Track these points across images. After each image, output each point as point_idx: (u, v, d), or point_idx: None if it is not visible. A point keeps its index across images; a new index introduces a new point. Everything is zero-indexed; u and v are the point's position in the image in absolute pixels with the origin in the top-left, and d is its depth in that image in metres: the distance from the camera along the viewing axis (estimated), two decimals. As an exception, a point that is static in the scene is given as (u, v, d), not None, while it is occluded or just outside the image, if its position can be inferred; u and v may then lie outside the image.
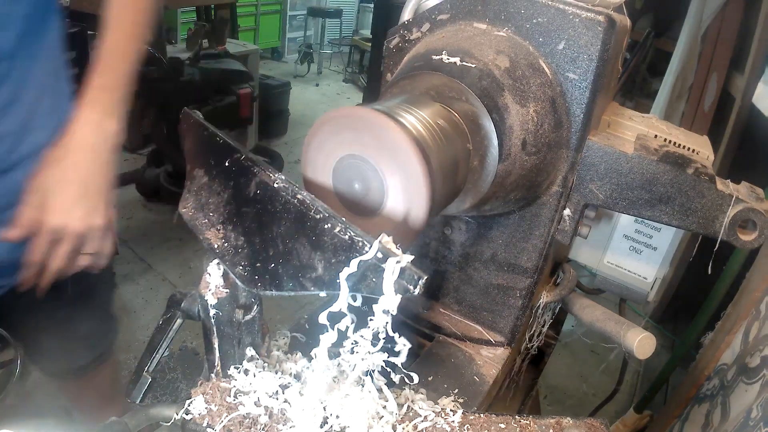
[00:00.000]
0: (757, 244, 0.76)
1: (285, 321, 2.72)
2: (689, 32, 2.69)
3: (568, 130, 0.75)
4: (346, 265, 0.49)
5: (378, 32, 5.20)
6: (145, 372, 0.63)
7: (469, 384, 0.81)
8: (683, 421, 1.78)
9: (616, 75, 0.90)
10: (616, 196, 0.78)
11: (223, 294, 0.57)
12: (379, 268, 0.48)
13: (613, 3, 0.77)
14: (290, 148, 4.94)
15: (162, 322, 0.65)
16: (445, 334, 0.91)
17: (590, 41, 0.70)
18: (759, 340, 1.47)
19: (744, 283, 1.72)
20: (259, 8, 6.88)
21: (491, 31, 0.74)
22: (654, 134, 0.89)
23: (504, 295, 0.89)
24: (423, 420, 0.62)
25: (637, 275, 1.05)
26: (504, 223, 0.84)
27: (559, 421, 0.63)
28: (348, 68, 7.42)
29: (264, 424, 0.58)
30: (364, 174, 0.55)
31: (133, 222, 3.37)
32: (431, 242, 0.92)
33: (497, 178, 0.69)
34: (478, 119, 0.66)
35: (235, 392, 0.60)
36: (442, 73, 0.68)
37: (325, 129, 0.56)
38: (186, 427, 0.59)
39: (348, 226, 0.50)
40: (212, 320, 0.60)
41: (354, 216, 0.57)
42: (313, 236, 0.51)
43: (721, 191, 0.74)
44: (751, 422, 1.27)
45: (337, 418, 0.59)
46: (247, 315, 0.59)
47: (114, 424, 0.62)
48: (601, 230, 1.05)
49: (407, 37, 0.82)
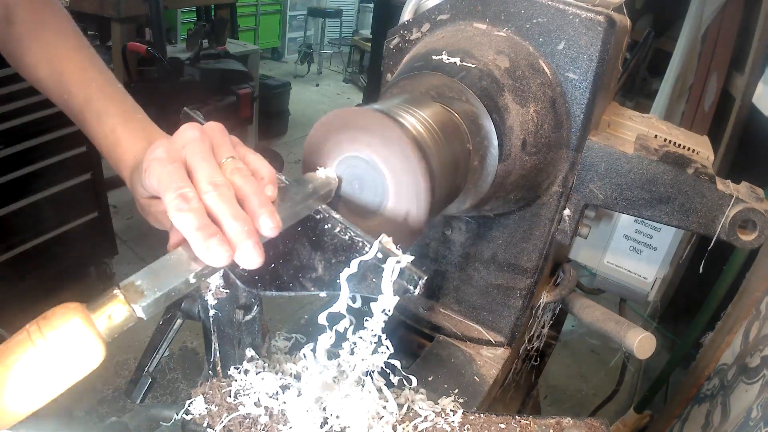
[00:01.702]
0: (757, 244, 0.76)
1: (285, 321, 2.72)
2: (689, 32, 2.69)
3: (568, 130, 0.75)
4: (346, 266, 0.49)
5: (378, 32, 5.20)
6: (145, 372, 0.63)
7: (469, 384, 0.81)
8: (683, 421, 1.78)
9: (616, 75, 0.90)
10: (616, 196, 0.78)
11: (223, 294, 0.57)
12: (379, 269, 0.48)
13: (613, 3, 0.77)
14: (290, 148, 4.94)
15: (162, 323, 0.65)
16: (445, 334, 0.91)
17: (590, 41, 0.70)
18: (759, 340, 1.47)
19: (744, 283, 1.72)
20: (259, 8, 6.87)
21: (491, 31, 0.74)
22: (654, 134, 0.89)
23: (504, 295, 0.89)
24: (423, 420, 0.62)
25: (637, 275, 1.05)
26: (504, 223, 0.84)
27: (559, 421, 0.63)
28: (348, 68, 7.42)
29: (264, 424, 0.58)
30: (365, 174, 0.55)
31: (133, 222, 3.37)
32: (431, 242, 0.92)
33: (497, 178, 0.69)
34: (478, 119, 0.66)
35: (235, 392, 0.60)
36: (442, 73, 0.68)
37: (326, 130, 0.56)
38: (186, 427, 0.59)
39: (348, 227, 0.50)
40: (212, 320, 0.60)
41: (354, 216, 0.57)
42: (314, 236, 0.51)
43: (721, 191, 0.74)
44: (751, 422, 1.27)
45: (337, 418, 0.59)
46: (247, 315, 0.59)
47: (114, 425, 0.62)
48: (601, 230, 1.05)
49: (407, 37, 0.82)
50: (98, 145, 0.67)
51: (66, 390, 0.42)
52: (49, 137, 2.27)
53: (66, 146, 2.37)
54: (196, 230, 0.44)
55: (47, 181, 2.32)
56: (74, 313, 0.40)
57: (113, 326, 0.41)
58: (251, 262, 0.45)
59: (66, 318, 0.39)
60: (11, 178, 2.16)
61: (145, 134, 0.64)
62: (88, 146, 2.48)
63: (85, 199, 2.57)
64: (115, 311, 0.41)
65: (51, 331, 0.39)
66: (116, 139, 0.65)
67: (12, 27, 0.73)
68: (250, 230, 0.45)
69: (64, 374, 0.39)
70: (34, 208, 2.29)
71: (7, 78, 2.04)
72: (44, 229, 2.38)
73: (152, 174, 0.48)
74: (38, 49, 0.72)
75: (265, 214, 0.46)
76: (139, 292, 0.42)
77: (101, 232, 2.68)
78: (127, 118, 0.67)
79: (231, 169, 0.49)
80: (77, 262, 2.58)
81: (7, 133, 2.11)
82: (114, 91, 0.70)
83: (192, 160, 0.48)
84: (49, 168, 2.31)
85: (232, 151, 0.52)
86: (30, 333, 0.39)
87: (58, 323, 0.39)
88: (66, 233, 2.48)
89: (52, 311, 0.40)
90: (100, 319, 0.41)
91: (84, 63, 0.71)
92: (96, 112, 0.67)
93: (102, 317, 0.41)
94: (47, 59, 0.71)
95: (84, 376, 0.42)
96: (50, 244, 2.40)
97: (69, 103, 0.70)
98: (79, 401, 2.18)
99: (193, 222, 0.44)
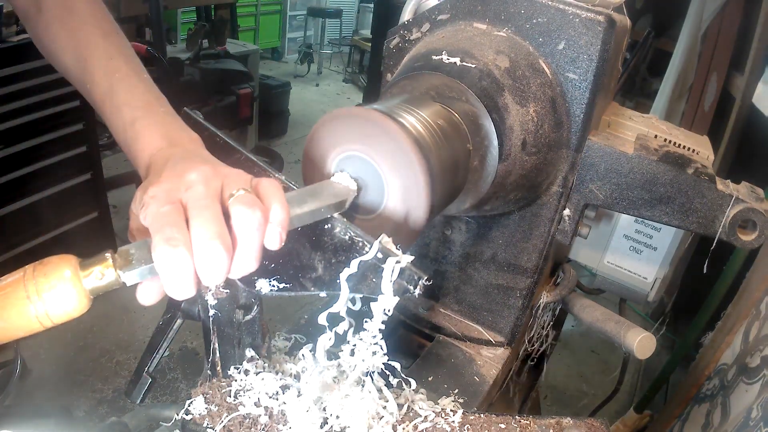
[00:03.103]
0: (757, 244, 0.76)
1: (285, 321, 2.72)
2: (689, 32, 2.69)
3: (568, 130, 0.75)
4: (346, 266, 0.49)
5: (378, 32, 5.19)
6: (145, 372, 0.63)
7: (469, 384, 0.81)
8: (683, 421, 1.78)
9: (616, 75, 0.90)
10: (616, 196, 0.78)
11: (223, 294, 0.57)
12: (379, 269, 0.48)
13: (613, 3, 0.77)
14: (290, 148, 4.94)
15: (162, 323, 0.65)
16: (445, 334, 0.91)
17: (590, 41, 0.70)
18: (759, 340, 1.47)
19: (744, 283, 1.72)
20: (259, 8, 6.87)
21: (491, 31, 0.74)
22: (654, 134, 0.89)
23: (504, 295, 0.89)
24: (423, 420, 0.62)
25: (637, 275, 1.05)
26: (504, 223, 0.84)
27: (559, 421, 0.63)
28: (348, 68, 7.41)
29: (264, 424, 0.58)
30: (365, 174, 0.55)
31: (133, 222, 3.37)
32: (431, 242, 0.92)
33: (497, 178, 0.69)
34: (478, 119, 0.66)
35: (235, 392, 0.60)
36: (442, 73, 0.68)
37: (326, 129, 0.56)
38: (186, 427, 0.59)
39: (348, 227, 0.50)
40: (212, 320, 0.60)
41: (354, 216, 0.57)
42: (313, 236, 0.51)
43: (721, 191, 0.74)
44: (751, 422, 1.27)
45: (337, 418, 0.59)
46: (247, 315, 0.59)
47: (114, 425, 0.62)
48: (601, 230, 1.05)
49: (407, 37, 0.82)
50: (117, 138, 0.64)
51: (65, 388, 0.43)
52: (49, 137, 2.27)
53: (66, 146, 2.37)
54: (171, 280, 0.43)
55: (47, 181, 2.32)
56: (66, 265, 0.43)
57: (99, 286, 0.44)
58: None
59: (58, 269, 0.43)
60: (11, 178, 2.16)
61: (164, 130, 0.61)
62: (88, 146, 2.49)
63: (85, 199, 2.57)
64: (103, 273, 0.44)
65: (41, 278, 0.43)
66: (135, 133, 0.61)
67: (41, 14, 0.72)
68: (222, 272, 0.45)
69: (45, 317, 0.43)
70: (34, 207, 2.29)
71: (6, 78, 2.05)
72: (44, 229, 2.38)
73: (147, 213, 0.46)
74: (65, 36, 0.70)
75: (244, 266, 0.46)
76: (129, 260, 0.45)
77: (101, 232, 2.68)
78: (149, 112, 0.62)
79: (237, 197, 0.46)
80: (77, 262, 2.57)
81: (7, 133, 2.11)
82: (138, 81, 0.66)
83: (191, 207, 0.46)
84: (49, 168, 2.31)
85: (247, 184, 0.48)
86: (25, 273, 0.43)
87: (50, 272, 0.43)
88: (66, 233, 2.48)
89: (48, 259, 0.44)
90: (89, 278, 0.43)
91: (110, 51, 0.68)
92: (116, 104, 0.64)
93: (91, 276, 0.43)
94: (73, 46, 0.69)
95: (63, 322, 0.45)
96: (50, 244, 2.40)
97: (92, 92, 0.67)
98: (78, 401, 2.18)
99: (173, 274, 0.43)
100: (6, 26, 2.09)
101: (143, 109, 0.63)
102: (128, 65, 0.68)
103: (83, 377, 2.30)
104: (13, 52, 2.04)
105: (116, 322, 2.60)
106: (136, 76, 0.67)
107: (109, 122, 0.65)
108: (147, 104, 0.64)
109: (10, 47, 2.05)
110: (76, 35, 0.69)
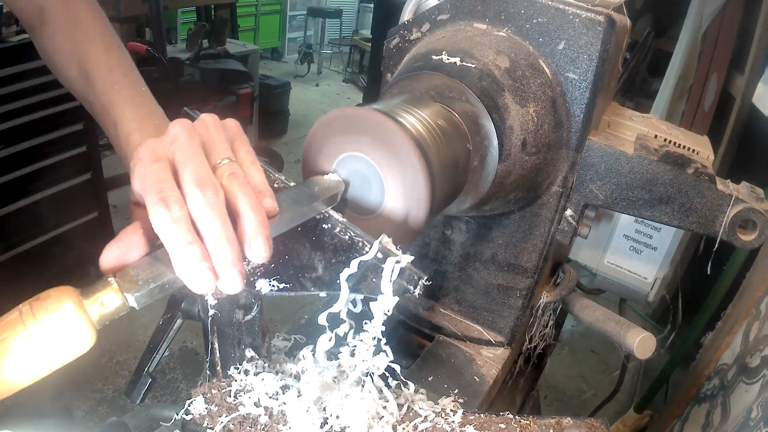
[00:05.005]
0: (757, 244, 0.76)
1: (285, 321, 2.72)
2: (689, 32, 2.69)
3: (568, 130, 0.75)
4: (346, 266, 0.49)
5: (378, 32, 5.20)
6: (145, 372, 0.63)
7: (469, 384, 0.81)
8: (683, 421, 1.78)
9: (616, 75, 0.90)
10: (616, 196, 0.78)
11: (223, 294, 0.57)
12: (379, 269, 0.48)
13: (613, 3, 0.77)
14: (290, 148, 4.94)
15: (162, 323, 0.65)
16: (445, 334, 0.91)
17: (590, 41, 0.70)
18: (759, 340, 1.47)
19: (744, 283, 1.72)
20: (259, 8, 6.88)
21: (491, 31, 0.74)
22: (654, 134, 0.89)
23: (504, 295, 0.89)
24: (423, 420, 0.62)
25: (637, 275, 1.05)
26: (504, 223, 0.84)
27: (559, 421, 0.63)
28: (348, 68, 7.42)
29: (264, 424, 0.58)
30: (364, 174, 0.55)
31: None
32: (431, 242, 0.92)
33: (497, 178, 0.69)
34: (478, 119, 0.66)
35: (235, 392, 0.60)
36: (442, 73, 0.68)
37: (326, 129, 0.56)
38: (186, 427, 0.59)
39: (348, 227, 0.50)
40: (212, 320, 0.60)
41: (354, 216, 0.57)
42: (313, 236, 0.51)
43: (721, 191, 0.74)
44: (751, 422, 1.27)
45: (337, 418, 0.59)
46: (247, 315, 0.59)
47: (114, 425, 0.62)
48: (601, 230, 1.05)
49: (407, 37, 0.82)
50: (117, 151, 0.65)
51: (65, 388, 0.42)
52: (49, 137, 2.27)
53: (66, 146, 2.37)
54: (178, 250, 0.40)
55: (47, 181, 2.33)
56: (67, 297, 0.39)
57: (105, 314, 0.41)
58: (232, 290, 0.42)
59: (59, 302, 0.39)
60: (11, 178, 2.16)
61: None
62: (88, 146, 2.49)
63: (85, 199, 2.57)
64: (108, 299, 0.41)
65: (43, 314, 0.38)
66: (129, 147, 0.61)
67: (45, 27, 0.72)
68: (236, 258, 0.41)
69: (52, 357, 0.39)
70: (34, 207, 2.29)
71: (6, 78, 2.05)
72: (44, 229, 2.38)
73: (135, 176, 0.44)
74: (69, 49, 0.71)
75: (260, 238, 0.42)
76: (133, 281, 0.42)
77: (101, 232, 2.68)
78: (143, 125, 0.63)
79: (227, 174, 0.44)
80: (77, 262, 2.58)
81: (7, 133, 2.11)
82: (135, 94, 0.67)
83: (178, 158, 0.43)
84: (49, 168, 2.31)
85: (229, 152, 0.47)
86: (22, 313, 0.38)
87: (51, 306, 0.39)
88: (66, 233, 2.48)
89: (46, 293, 0.40)
90: (93, 306, 0.40)
91: (111, 64, 0.69)
92: (114, 117, 0.65)
93: (95, 304, 0.40)
94: (77, 59, 0.70)
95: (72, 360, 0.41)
96: (50, 244, 2.40)
97: (93, 105, 0.68)
98: (78, 401, 2.18)
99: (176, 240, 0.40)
100: (6, 26, 2.09)
101: (138, 122, 0.64)
102: (127, 78, 0.69)
103: (83, 377, 2.30)
104: (13, 52, 2.04)
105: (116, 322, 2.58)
106: (134, 89, 0.68)
107: (108, 136, 0.66)
108: (141, 118, 0.64)
109: (10, 47, 2.05)
110: (79, 49, 0.70)
